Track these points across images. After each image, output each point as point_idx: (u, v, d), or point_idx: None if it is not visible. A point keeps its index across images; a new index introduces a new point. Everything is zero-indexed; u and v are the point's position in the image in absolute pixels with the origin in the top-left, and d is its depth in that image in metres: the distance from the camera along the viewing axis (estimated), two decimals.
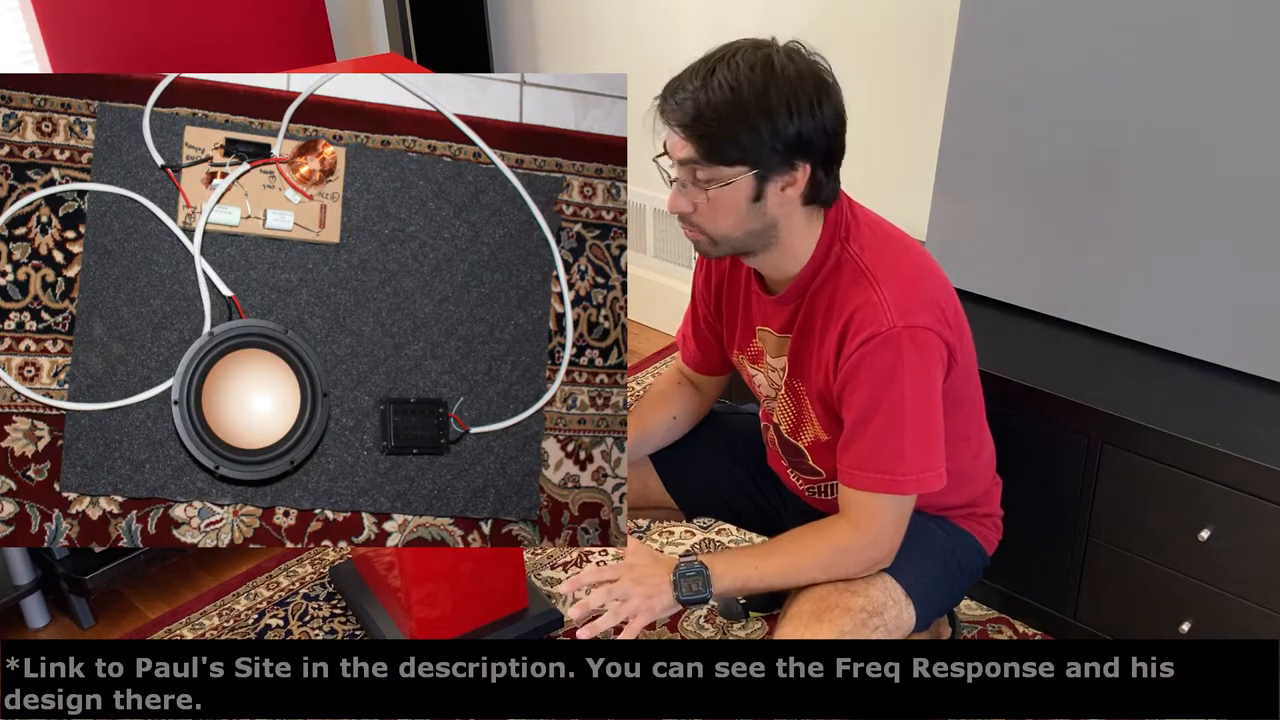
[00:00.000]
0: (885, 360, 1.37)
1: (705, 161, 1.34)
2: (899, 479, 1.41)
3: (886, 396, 1.38)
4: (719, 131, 1.32)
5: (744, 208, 1.38)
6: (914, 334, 1.37)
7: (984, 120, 1.92)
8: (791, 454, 1.63)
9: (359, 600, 2.06)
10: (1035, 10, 1.79)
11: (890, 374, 1.37)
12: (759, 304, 1.56)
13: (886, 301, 1.38)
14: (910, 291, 1.39)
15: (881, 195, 1.99)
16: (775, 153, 1.33)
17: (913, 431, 1.39)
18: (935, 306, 1.41)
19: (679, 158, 1.37)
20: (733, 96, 1.31)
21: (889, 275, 1.40)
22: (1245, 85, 1.63)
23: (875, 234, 1.46)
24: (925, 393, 1.39)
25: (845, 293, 1.42)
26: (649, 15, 2.71)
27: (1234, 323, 1.76)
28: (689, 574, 1.44)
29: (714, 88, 1.32)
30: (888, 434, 1.39)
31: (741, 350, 1.64)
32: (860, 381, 1.39)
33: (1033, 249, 1.95)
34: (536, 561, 2.22)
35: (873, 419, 1.40)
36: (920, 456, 1.40)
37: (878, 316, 1.37)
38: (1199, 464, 1.65)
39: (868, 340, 1.37)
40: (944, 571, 1.58)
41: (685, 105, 1.33)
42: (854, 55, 2.34)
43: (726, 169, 1.34)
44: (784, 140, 1.33)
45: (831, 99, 1.35)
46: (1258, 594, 1.66)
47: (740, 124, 1.31)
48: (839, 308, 1.42)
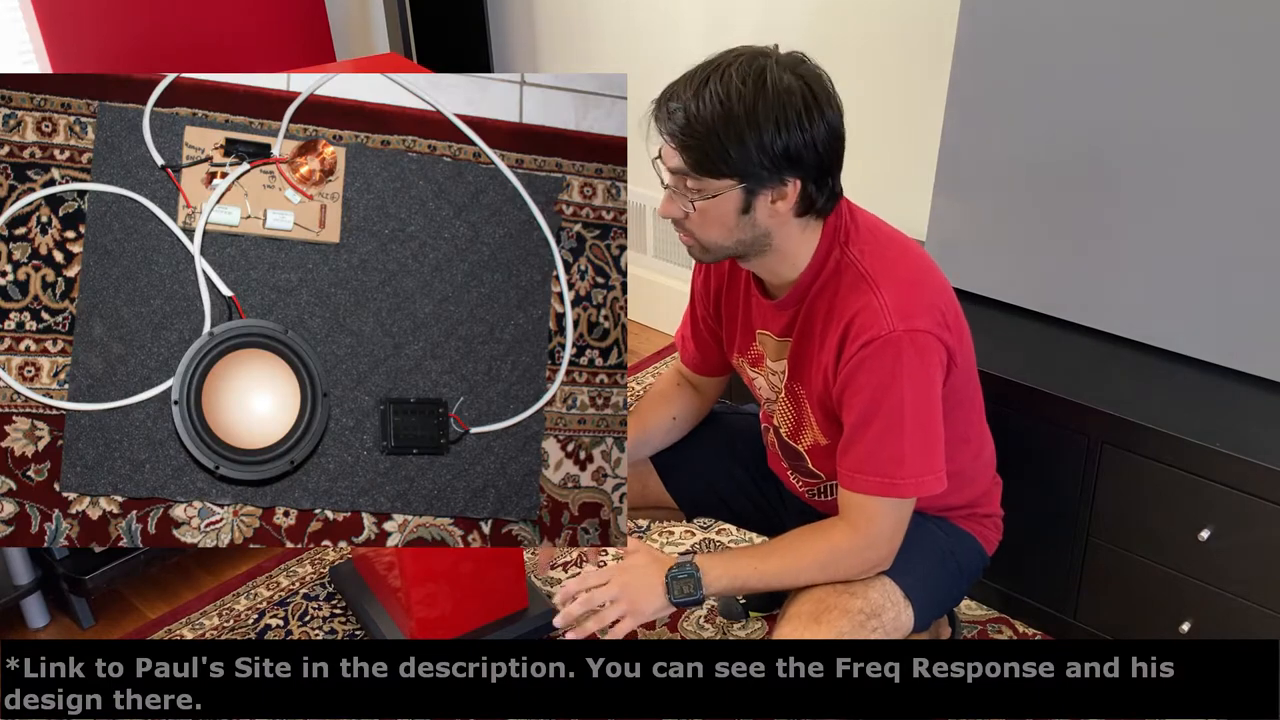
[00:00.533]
0: (885, 364, 1.37)
1: (693, 172, 1.35)
2: (898, 482, 1.41)
3: (886, 400, 1.38)
4: (706, 144, 1.32)
5: (732, 219, 1.38)
6: (914, 337, 1.37)
7: (984, 120, 1.92)
8: (791, 457, 1.63)
9: (359, 600, 2.06)
10: (1035, 10, 1.79)
11: (890, 377, 1.37)
12: (759, 308, 1.56)
13: (886, 305, 1.38)
14: (910, 295, 1.39)
15: (881, 195, 2.00)
16: (763, 167, 1.33)
17: (912, 435, 1.39)
18: (935, 310, 1.41)
19: (670, 166, 1.37)
20: (721, 110, 1.30)
21: (889, 279, 1.40)
22: (1245, 85, 1.63)
23: (875, 238, 1.46)
24: (925, 396, 1.39)
25: (845, 297, 1.42)
26: (649, 15, 2.71)
27: (1234, 323, 1.76)
28: (680, 576, 1.44)
29: (704, 100, 1.31)
30: (887, 437, 1.39)
31: (741, 354, 1.64)
32: (860, 385, 1.39)
33: (1033, 249, 1.95)
34: (536, 561, 2.22)
35: (872, 422, 1.40)
36: (920, 460, 1.40)
37: (878, 320, 1.37)
38: (1199, 464, 1.65)
39: (868, 344, 1.37)
40: (943, 572, 1.58)
41: (676, 115, 1.33)
42: (854, 55, 2.34)
43: (714, 181, 1.34)
44: (771, 155, 1.32)
45: (824, 114, 1.33)
46: (1258, 594, 1.66)
47: (728, 138, 1.31)
48: (839, 312, 1.42)
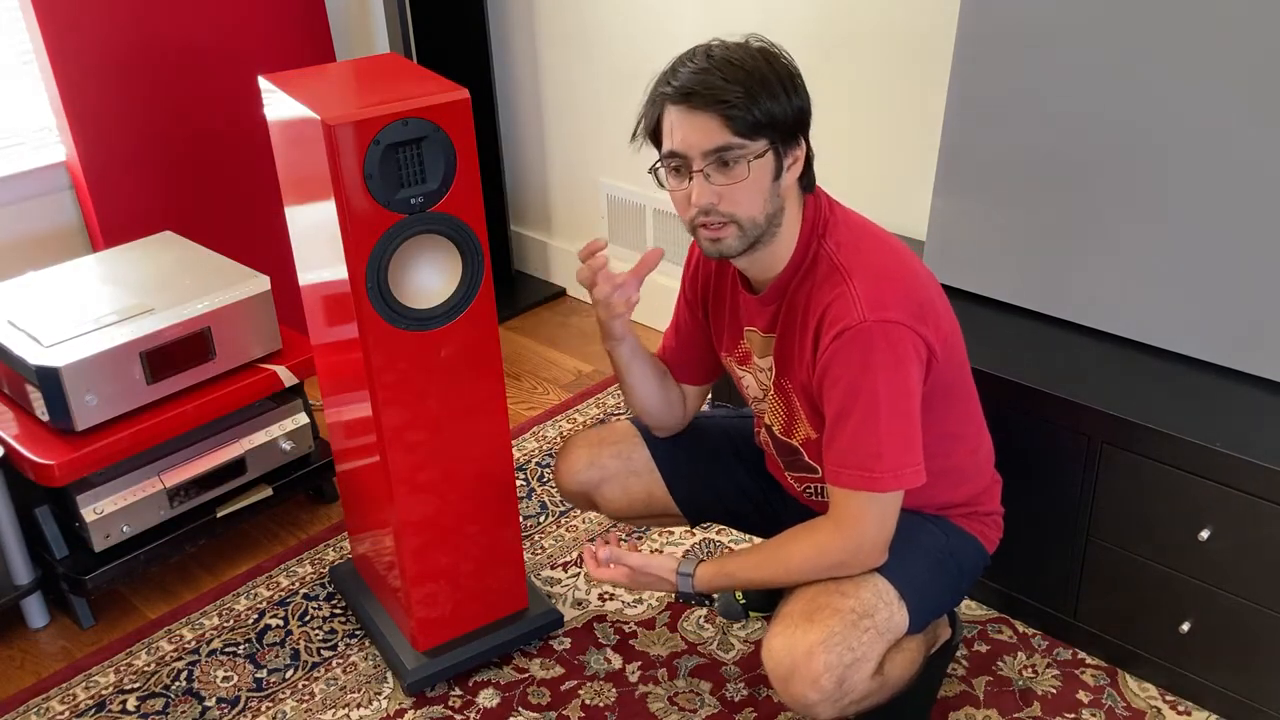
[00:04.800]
0: (857, 354, 1.37)
1: (735, 135, 1.34)
2: (877, 476, 1.40)
3: (861, 391, 1.38)
4: (745, 98, 1.33)
5: (768, 185, 1.39)
6: (886, 329, 1.37)
7: (984, 120, 1.92)
8: (787, 454, 1.63)
9: (359, 600, 2.06)
10: (1035, 10, 1.79)
11: (862, 368, 1.37)
12: (745, 304, 1.56)
13: (858, 295, 1.38)
14: (882, 287, 1.39)
15: (881, 195, 2.00)
16: (788, 124, 1.37)
17: (888, 426, 1.39)
18: (910, 303, 1.40)
19: (704, 146, 1.35)
20: (746, 68, 1.34)
21: (862, 271, 1.40)
22: (1245, 85, 1.63)
23: (851, 230, 1.46)
24: (900, 388, 1.39)
25: (820, 288, 1.42)
26: (649, 16, 2.71)
27: (1234, 323, 1.76)
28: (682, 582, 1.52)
29: (725, 63, 1.35)
30: (864, 430, 1.39)
31: (730, 352, 1.64)
32: (835, 377, 1.40)
33: (1033, 249, 1.95)
34: (536, 561, 2.22)
35: (850, 415, 1.40)
36: (898, 454, 1.40)
37: (849, 311, 1.37)
38: (1199, 464, 1.65)
39: (840, 334, 1.38)
40: (941, 573, 1.58)
41: (706, 79, 1.33)
42: (854, 55, 2.34)
43: (751, 143, 1.36)
44: (794, 112, 1.37)
45: (802, 80, 1.40)
46: (1258, 594, 1.66)
47: (762, 90, 1.34)
48: (815, 304, 1.42)
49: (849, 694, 1.46)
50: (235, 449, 2.18)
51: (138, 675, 1.99)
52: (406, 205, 1.55)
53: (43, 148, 2.64)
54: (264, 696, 1.93)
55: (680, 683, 1.92)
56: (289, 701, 1.92)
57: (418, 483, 1.76)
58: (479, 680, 1.94)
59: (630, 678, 1.94)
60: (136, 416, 2.04)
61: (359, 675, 1.97)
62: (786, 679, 1.45)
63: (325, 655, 2.02)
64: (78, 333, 1.99)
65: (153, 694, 1.95)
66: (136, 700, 1.94)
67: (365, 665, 1.99)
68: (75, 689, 1.96)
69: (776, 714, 1.84)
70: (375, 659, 2.00)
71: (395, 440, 1.71)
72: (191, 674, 1.99)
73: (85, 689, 1.96)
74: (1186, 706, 1.81)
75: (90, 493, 2.01)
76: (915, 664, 1.58)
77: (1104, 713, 1.82)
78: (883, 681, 1.50)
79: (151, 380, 2.04)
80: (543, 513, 2.37)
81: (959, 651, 1.93)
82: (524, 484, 2.45)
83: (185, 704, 1.93)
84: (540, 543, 2.28)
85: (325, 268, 1.65)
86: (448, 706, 1.89)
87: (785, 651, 1.45)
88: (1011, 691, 1.87)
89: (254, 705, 1.92)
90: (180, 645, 2.06)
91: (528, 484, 2.46)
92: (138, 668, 2.01)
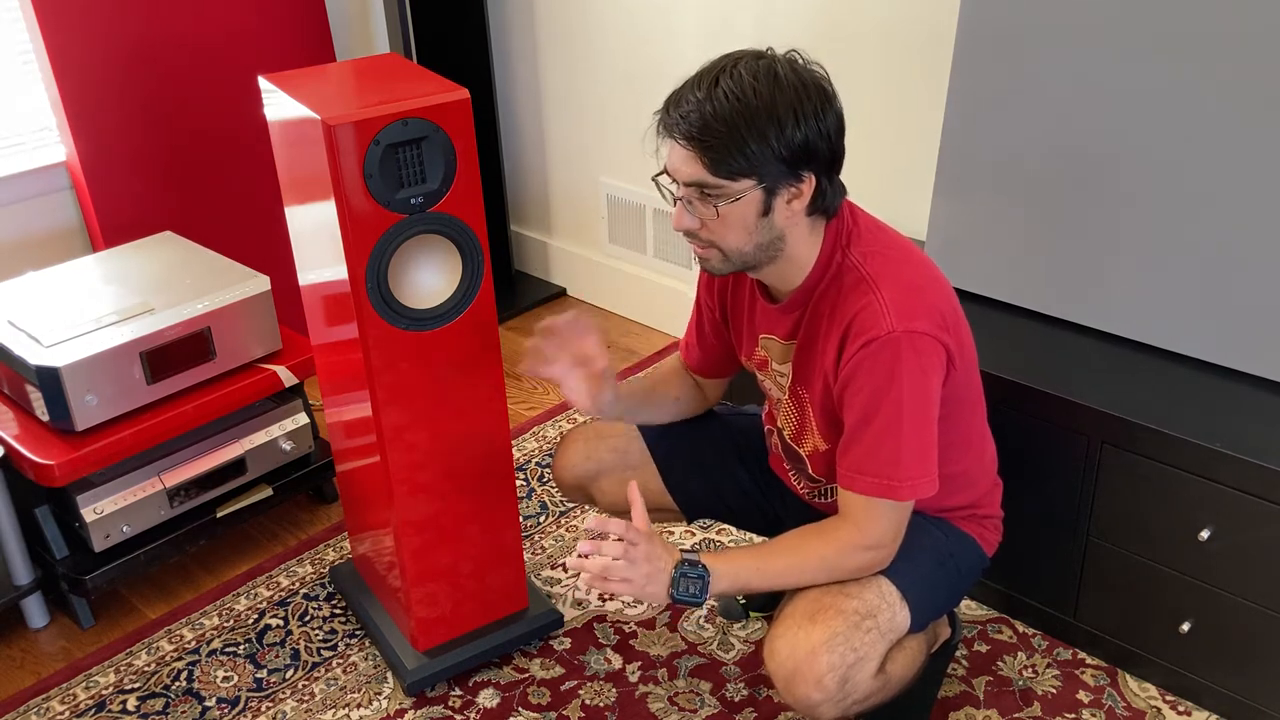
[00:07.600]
0: (884, 363, 1.37)
1: (713, 175, 1.34)
2: (896, 485, 1.41)
3: (885, 400, 1.38)
4: (728, 142, 1.31)
5: (753, 221, 1.38)
6: (914, 339, 1.37)
7: (984, 120, 1.92)
8: (793, 459, 1.63)
9: (359, 600, 2.06)
10: (1035, 11, 1.79)
11: (889, 377, 1.37)
12: (763, 313, 1.56)
13: (887, 306, 1.38)
14: (911, 297, 1.40)
15: (881, 195, 2.00)
16: (782, 162, 1.33)
17: (910, 436, 1.39)
18: (936, 312, 1.41)
19: (684, 176, 1.37)
20: (740, 105, 1.31)
21: (890, 281, 1.40)
22: (1245, 85, 1.63)
23: (877, 240, 1.46)
24: (922, 399, 1.40)
25: (847, 298, 1.42)
26: (649, 16, 2.71)
27: (1234, 323, 1.76)
28: (690, 574, 1.43)
29: (719, 98, 1.32)
30: (885, 438, 1.40)
31: (748, 358, 1.64)
32: (860, 385, 1.40)
33: (1033, 249, 1.95)
34: (537, 561, 2.22)
35: (871, 422, 1.40)
36: (915, 463, 1.41)
37: (878, 321, 1.37)
38: (1199, 464, 1.65)
39: (867, 344, 1.38)
40: (942, 574, 1.59)
41: (691, 117, 1.33)
42: (854, 55, 2.34)
43: (733, 184, 1.34)
44: (790, 149, 1.33)
45: (833, 104, 1.36)
46: (1257, 594, 1.66)
47: (749, 133, 1.31)
48: (841, 313, 1.42)
49: (852, 694, 1.46)
50: (235, 449, 2.18)
51: (138, 675, 1.99)
52: (406, 205, 1.56)
53: (43, 148, 2.64)
54: (264, 696, 1.93)
55: (680, 683, 1.92)
56: (289, 701, 1.92)
57: (418, 483, 1.76)
58: (479, 680, 1.94)
59: (630, 678, 1.94)
60: (136, 416, 2.04)
61: (359, 675, 1.97)
62: (790, 679, 1.45)
63: (325, 655, 2.02)
64: (78, 333, 1.99)
65: (153, 694, 1.95)
66: (136, 700, 1.94)
67: (365, 665, 1.99)
68: (75, 689, 1.96)
69: (777, 714, 1.84)
70: (375, 659, 2.00)
71: (395, 440, 1.71)
72: (191, 674, 1.99)
73: (85, 689, 1.97)
74: (1186, 706, 1.81)
75: (90, 493, 2.01)
76: (917, 662, 1.58)
77: (1104, 713, 1.82)
78: (885, 680, 1.50)
79: (151, 380, 2.04)
80: (543, 513, 2.37)
81: (959, 651, 1.93)
82: (524, 484, 2.45)
83: (185, 704, 1.93)
84: (540, 543, 2.28)
85: (325, 268, 1.65)
86: (448, 706, 1.89)
87: (788, 652, 1.45)
88: (1011, 691, 1.87)
89: (254, 705, 1.92)
90: (180, 645, 2.06)
91: (528, 484, 2.46)
92: (138, 668, 2.01)
